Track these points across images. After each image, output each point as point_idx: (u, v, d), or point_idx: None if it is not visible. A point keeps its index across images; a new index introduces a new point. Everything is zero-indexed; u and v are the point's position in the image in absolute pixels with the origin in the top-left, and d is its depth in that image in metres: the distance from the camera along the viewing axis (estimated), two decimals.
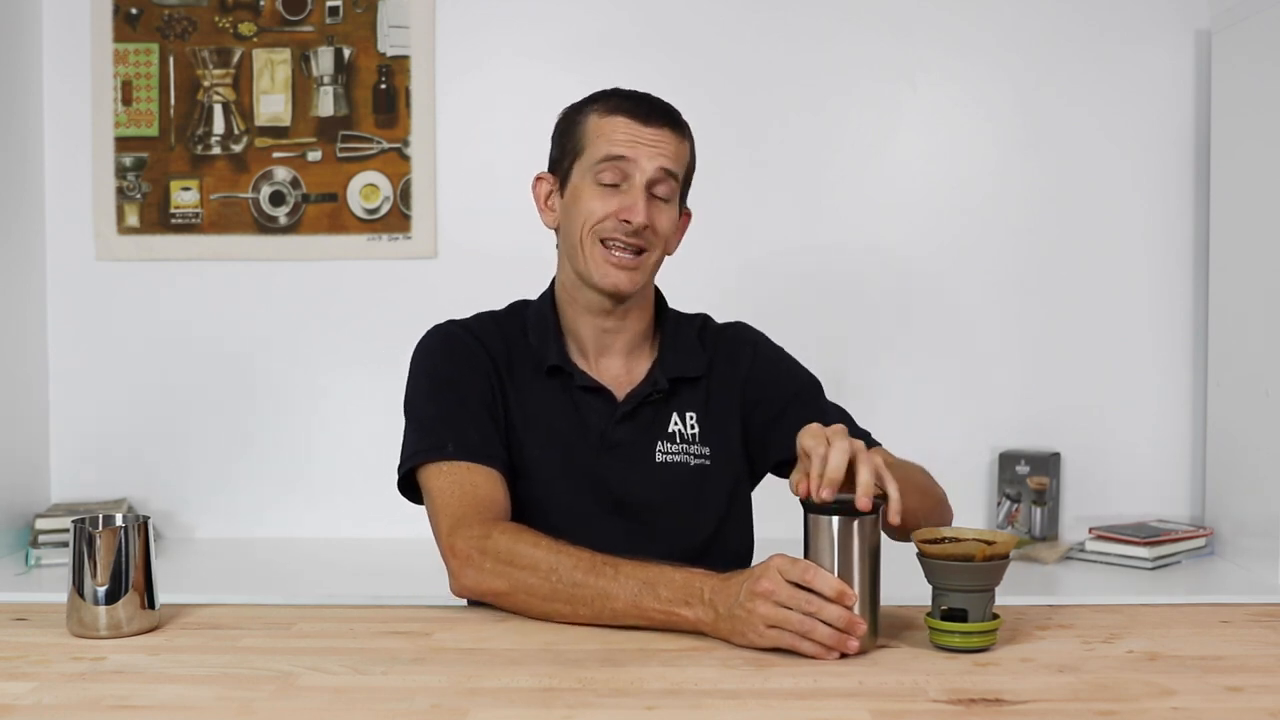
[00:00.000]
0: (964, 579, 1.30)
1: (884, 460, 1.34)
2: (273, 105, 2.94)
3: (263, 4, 2.93)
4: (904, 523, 1.35)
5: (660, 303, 1.73)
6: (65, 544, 2.52)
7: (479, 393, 1.62)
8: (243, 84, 2.94)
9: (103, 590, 1.37)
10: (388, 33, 2.93)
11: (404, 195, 2.93)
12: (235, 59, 2.94)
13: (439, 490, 1.55)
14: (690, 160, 1.67)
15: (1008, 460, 2.88)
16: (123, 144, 2.94)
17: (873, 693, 1.18)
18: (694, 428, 1.66)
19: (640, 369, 1.68)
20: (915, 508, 1.44)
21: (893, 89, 2.92)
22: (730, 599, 1.32)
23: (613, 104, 1.63)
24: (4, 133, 2.80)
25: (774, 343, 1.77)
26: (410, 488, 1.62)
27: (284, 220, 2.94)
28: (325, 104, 2.94)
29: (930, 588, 1.33)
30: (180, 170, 2.94)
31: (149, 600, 1.40)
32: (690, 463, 1.65)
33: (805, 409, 1.64)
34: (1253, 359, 2.64)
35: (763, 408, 1.69)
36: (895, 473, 1.34)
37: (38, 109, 2.94)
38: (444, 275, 2.92)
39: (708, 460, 1.66)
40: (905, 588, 1.44)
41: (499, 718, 1.12)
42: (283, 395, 2.96)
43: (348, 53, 2.93)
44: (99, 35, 2.93)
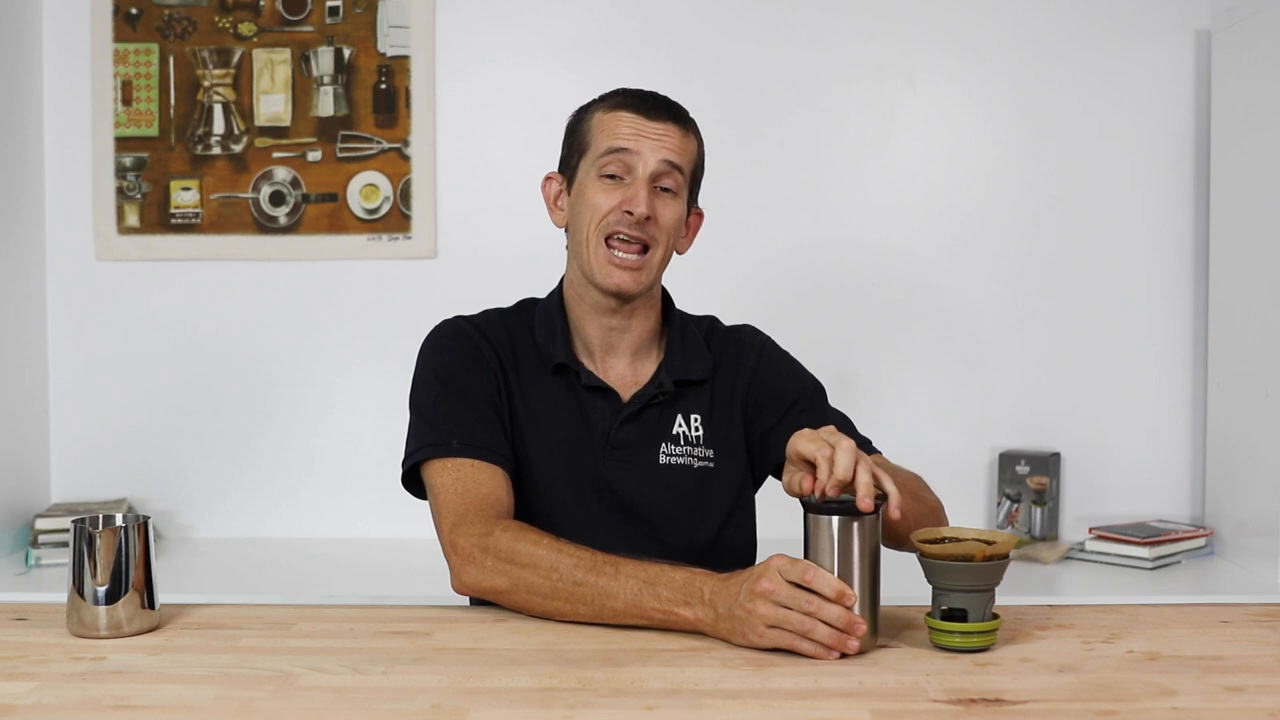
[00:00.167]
0: (964, 579, 1.30)
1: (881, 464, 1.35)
2: (273, 105, 2.94)
3: (263, 4, 2.93)
4: (899, 529, 1.35)
5: (668, 304, 1.73)
6: (65, 544, 2.52)
7: (484, 389, 1.62)
8: (243, 84, 2.94)
9: (103, 590, 1.37)
10: (388, 33, 2.93)
11: (404, 195, 2.93)
12: (235, 59, 2.94)
13: (442, 487, 1.55)
14: (697, 157, 1.66)
15: (1008, 460, 2.88)
16: (123, 144, 2.94)
17: (873, 693, 1.18)
18: (699, 429, 1.66)
19: (646, 370, 1.68)
20: (909, 511, 1.44)
21: (893, 89, 2.92)
22: (730, 599, 1.32)
23: (617, 100, 1.64)
24: (4, 133, 2.80)
25: (780, 347, 1.77)
26: (414, 483, 1.62)
27: (284, 220, 2.94)
28: (325, 104, 2.94)
29: (930, 588, 1.33)
30: (180, 170, 2.94)
31: (149, 600, 1.40)
32: (694, 465, 1.65)
33: (808, 414, 1.65)
34: (1253, 359, 2.64)
35: (766, 411, 1.69)
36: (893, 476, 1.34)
37: (38, 109, 2.94)
38: (444, 275, 2.92)
39: (711, 462, 1.66)
40: (905, 588, 1.44)
41: (499, 718, 1.12)
42: (282, 395, 2.96)
43: (348, 53, 2.93)
44: (99, 35, 2.93)
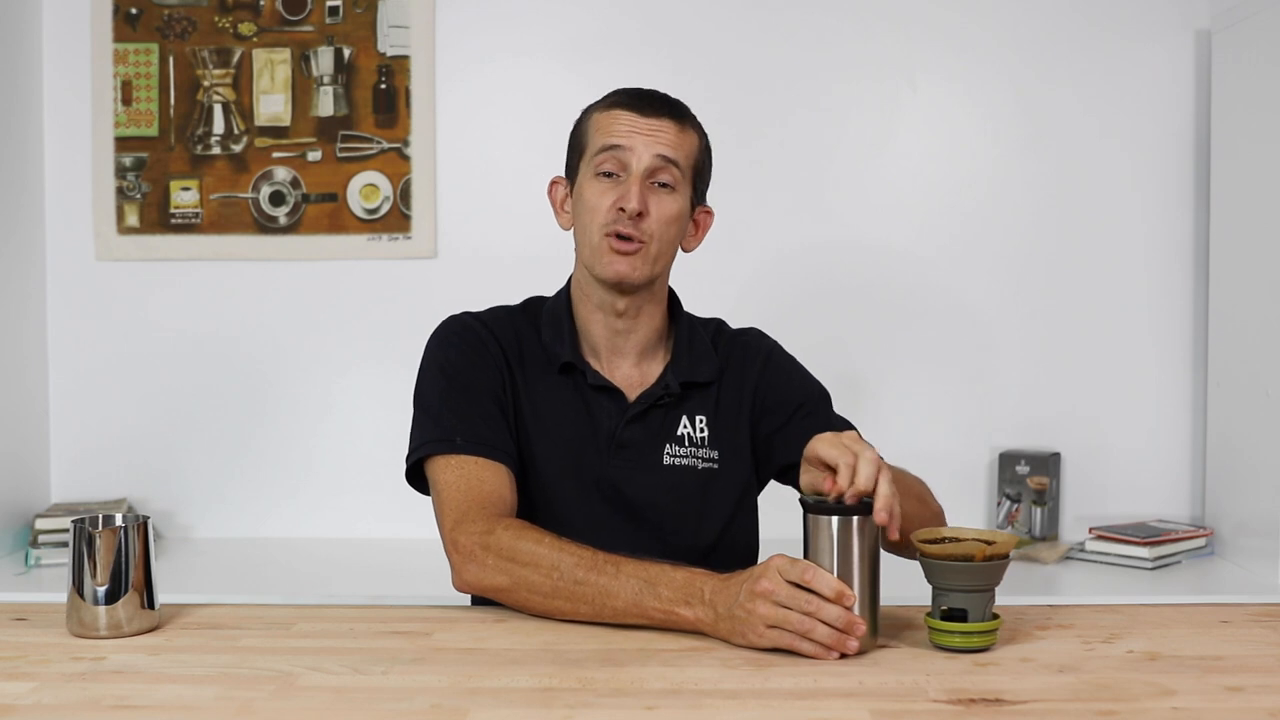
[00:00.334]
0: (964, 579, 1.30)
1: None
2: (273, 105, 2.94)
3: (263, 4, 2.93)
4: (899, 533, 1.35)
5: (675, 306, 1.73)
6: (65, 544, 2.52)
7: (490, 386, 1.62)
8: (243, 84, 2.94)
9: (103, 590, 1.37)
10: (388, 33, 2.93)
11: (404, 195, 2.93)
12: (235, 59, 2.94)
13: (445, 484, 1.55)
14: (698, 153, 1.65)
15: (1008, 460, 2.88)
16: (123, 144, 2.94)
17: (873, 693, 1.18)
18: (704, 431, 1.67)
19: (653, 371, 1.68)
20: (912, 513, 1.45)
21: (893, 89, 2.92)
22: (730, 599, 1.32)
23: (614, 99, 1.64)
24: (4, 133, 2.80)
25: (786, 352, 1.77)
26: (418, 478, 1.62)
27: (284, 220, 2.94)
28: (325, 104, 2.94)
29: (930, 588, 1.33)
30: (180, 170, 2.94)
31: (149, 600, 1.40)
32: (698, 466, 1.65)
33: (813, 418, 1.65)
34: (1253, 359, 2.64)
35: (771, 415, 1.69)
36: (897, 483, 1.34)
37: (38, 109, 2.94)
38: (444, 275, 2.92)
39: (716, 464, 1.66)
40: (905, 588, 1.44)
41: (499, 718, 1.12)
42: (282, 395, 2.96)
43: (348, 53, 2.93)
44: (99, 35, 2.93)
